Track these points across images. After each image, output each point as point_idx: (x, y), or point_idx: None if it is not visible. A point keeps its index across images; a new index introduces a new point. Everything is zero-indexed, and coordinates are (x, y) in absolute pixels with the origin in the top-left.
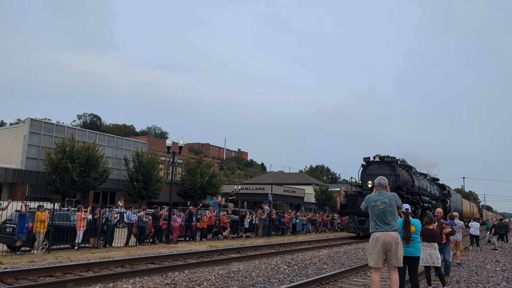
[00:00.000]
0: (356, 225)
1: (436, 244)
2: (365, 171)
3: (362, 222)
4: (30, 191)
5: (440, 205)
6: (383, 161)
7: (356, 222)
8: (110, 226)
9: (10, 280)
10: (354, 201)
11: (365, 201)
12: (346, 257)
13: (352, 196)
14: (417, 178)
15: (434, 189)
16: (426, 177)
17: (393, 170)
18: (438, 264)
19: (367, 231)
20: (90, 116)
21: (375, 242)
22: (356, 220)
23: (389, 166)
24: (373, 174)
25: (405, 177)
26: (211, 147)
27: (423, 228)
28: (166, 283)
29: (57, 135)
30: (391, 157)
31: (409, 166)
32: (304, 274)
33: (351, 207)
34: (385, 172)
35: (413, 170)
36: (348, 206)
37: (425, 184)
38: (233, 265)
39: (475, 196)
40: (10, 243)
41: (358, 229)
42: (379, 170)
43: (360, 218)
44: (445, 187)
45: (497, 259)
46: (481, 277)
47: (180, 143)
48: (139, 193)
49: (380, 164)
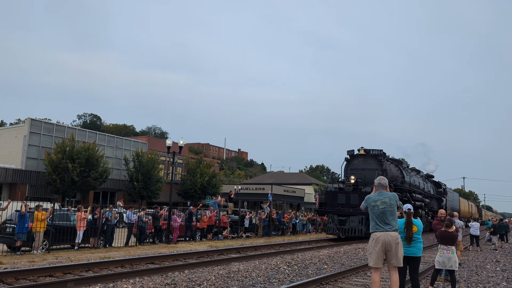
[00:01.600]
0: (336, 226)
1: (453, 248)
2: (349, 165)
3: (342, 222)
4: (30, 191)
5: (435, 204)
6: (368, 154)
7: (336, 222)
8: (110, 226)
9: (10, 280)
10: (334, 199)
11: (365, 201)
12: (346, 257)
13: (332, 193)
14: (408, 173)
15: (428, 187)
16: (419, 174)
17: (380, 164)
18: (456, 267)
19: (348, 232)
20: (90, 116)
21: (375, 242)
22: (336, 220)
23: (375, 159)
24: (358, 168)
25: (394, 172)
26: (211, 147)
27: (443, 230)
28: (166, 283)
29: (57, 135)
30: (377, 149)
31: (399, 160)
32: (304, 274)
33: (331, 205)
34: (370, 166)
35: (404, 165)
36: (327, 204)
37: (417, 180)
38: (233, 265)
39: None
40: (10, 243)
41: (337, 230)
42: (364, 164)
43: (340, 218)
44: (440, 184)
45: (497, 259)
46: (481, 277)
47: (180, 143)
48: (139, 193)
49: (366, 157)
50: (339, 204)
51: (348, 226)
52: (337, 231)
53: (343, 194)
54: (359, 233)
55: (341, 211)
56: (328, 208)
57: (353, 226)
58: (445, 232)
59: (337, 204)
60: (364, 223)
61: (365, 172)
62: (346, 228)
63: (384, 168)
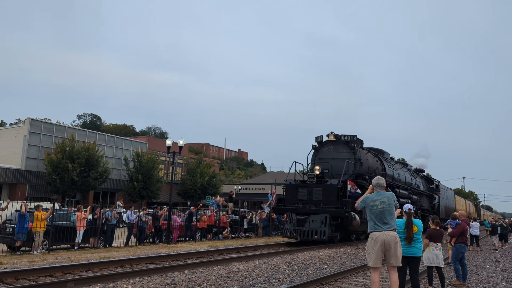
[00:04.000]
0: (294, 227)
1: (441, 245)
2: (317, 154)
3: (301, 222)
4: (30, 191)
5: (425, 201)
6: (339, 141)
7: (294, 223)
8: (110, 226)
9: (10, 280)
10: (295, 194)
11: (363, 201)
12: (346, 257)
13: (292, 187)
14: (390, 166)
15: (416, 182)
16: (407, 167)
17: (352, 152)
18: (443, 264)
19: (307, 234)
20: (90, 116)
21: (374, 242)
22: (294, 220)
23: (347, 147)
24: (327, 158)
25: (372, 162)
26: (211, 147)
27: (432, 228)
28: (166, 283)
29: (57, 135)
30: (350, 135)
31: (380, 150)
32: (304, 274)
33: (290, 201)
34: (342, 155)
35: (386, 156)
36: (286, 201)
37: (403, 174)
38: (233, 265)
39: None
40: (10, 243)
41: (295, 232)
42: (334, 152)
43: (298, 217)
44: (432, 180)
45: (497, 259)
46: (481, 277)
47: (180, 143)
48: (139, 193)
49: (336, 144)
50: (300, 200)
51: (307, 228)
52: (294, 233)
53: (304, 188)
54: (320, 235)
55: (299, 209)
56: (287, 205)
57: (313, 227)
58: (434, 230)
59: (297, 200)
60: (328, 223)
61: (334, 162)
62: (304, 230)
63: (358, 157)
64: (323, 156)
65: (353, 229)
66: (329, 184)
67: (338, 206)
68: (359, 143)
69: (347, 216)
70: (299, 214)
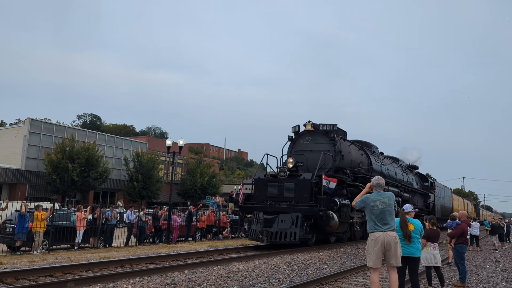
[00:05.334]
0: (260, 227)
1: (438, 245)
2: (293, 145)
3: (269, 222)
4: (30, 191)
5: (419, 200)
6: (318, 131)
7: (260, 223)
8: (110, 226)
9: (10, 280)
10: (264, 190)
11: (363, 200)
12: (346, 257)
13: (261, 182)
14: (378, 160)
15: (409, 179)
16: (398, 162)
17: (332, 143)
18: (440, 264)
19: (276, 236)
20: (90, 116)
21: (374, 242)
22: (261, 220)
23: (327, 138)
24: (304, 150)
25: (355, 156)
26: (211, 147)
27: (429, 228)
28: (166, 283)
29: (57, 135)
30: (330, 124)
31: (366, 143)
32: (304, 274)
33: (259, 198)
34: (320, 146)
35: (373, 149)
36: (255, 198)
37: (393, 170)
38: (233, 265)
39: (475, 196)
40: (10, 243)
41: (261, 233)
42: (312, 143)
43: (266, 217)
44: (427, 178)
45: (497, 259)
46: (481, 277)
47: (180, 143)
48: (139, 193)
49: (314, 135)
50: (270, 197)
51: (276, 229)
52: (261, 235)
53: (274, 183)
54: (291, 237)
55: (267, 207)
56: (256, 202)
57: (283, 228)
58: (431, 230)
59: (267, 197)
60: (300, 223)
61: (310, 154)
62: (272, 232)
63: (338, 149)
64: (300, 148)
65: (330, 230)
66: (302, 179)
67: (311, 203)
68: (341, 134)
69: (321, 215)
70: (266, 213)
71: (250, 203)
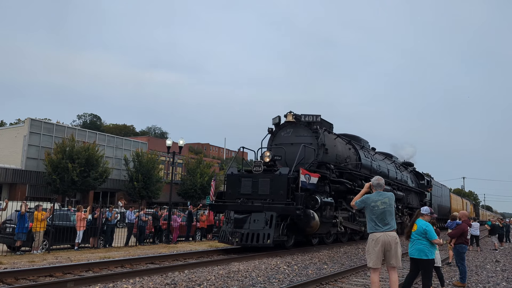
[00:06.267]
0: (231, 228)
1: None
2: (273, 138)
3: (240, 222)
4: (30, 191)
5: (414, 198)
6: (300, 122)
7: (231, 223)
8: (110, 226)
9: (10, 280)
10: (237, 186)
11: (363, 201)
12: (346, 257)
13: (234, 178)
14: (368, 155)
15: (403, 176)
16: (391, 159)
17: (315, 136)
18: (440, 264)
19: (247, 238)
20: (90, 116)
21: (374, 243)
22: (232, 220)
23: (309, 130)
24: (285, 143)
25: (342, 150)
26: (211, 147)
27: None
28: (166, 283)
29: (57, 135)
30: (312, 115)
31: (354, 136)
32: (304, 274)
33: (232, 196)
34: (302, 139)
35: (362, 144)
36: (227, 195)
37: (385, 166)
38: (233, 265)
39: (475, 196)
40: (10, 243)
41: (231, 235)
42: (294, 136)
43: (236, 216)
44: (423, 176)
45: (497, 259)
46: (481, 277)
47: (180, 143)
48: (139, 193)
49: (296, 127)
50: (243, 194)
51: (247, 229)
52: (230, 237)
53: (248, 179)
54: (264, 239)
55: (238, 205)
56: (228, 200)
57: (255, 229)
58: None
59: (239, 194)
60: (274, 224)
61: (290, 147)
62: (243, 233)
63: (322, 142)
64: (281, 141)
65: (311, 231)
66: (277, 174)
67: (288, 201)
68: (326, 126)
69: (299, 214)
70: (237, 212)
71: (222, 201)
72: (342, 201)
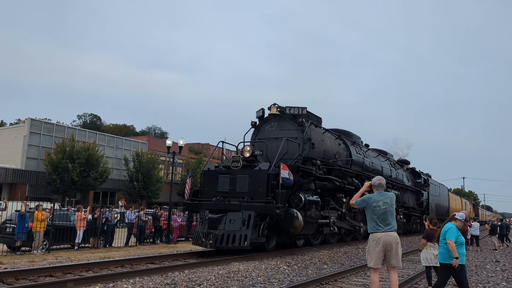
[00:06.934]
0: (205, 229)
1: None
2: (257, 133)
3: (214, 222)
4: (30, 191)
5: (410, 197)
6: (285, 115)
7: (205, 224)
8: (110, 226)
9: (10, 280)
10: (214, 183)
11: (364, 200)
12: (346, 257)
13: (210, 175)
14: (359, 152)
15: (398, 175)
16: (386, 156)
17: (301, 130)
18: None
19: (222, 240)
20: (90, 116)
21: (375, 243)
22: (206, 220)
23: (295, 123)
24: (269, 137)
25: (331, 145)
26: (211, 147)
27: (430, 229)
28: (166, 283)
29: (57, 135)
30: (298, 107)
31: (346, 131)
32: (304, 274)
33: (208, 194)
34: (287, 133)
35: (354, 139)
36: (203, 193)
37: (378, 164)
38: (233, 265)
39: (475, 196)
40: (10, 243)
41: (204, 237)
42: (278, 130)
43: (211, 216)
44: (419, 174)
45: (497, 259)
46: (481, 277)
47: (180, 143)
48: (139, 193)
49: (281, 120)
50: (220, 192)
51: (222, 230)
52: (204, 238)
53: (226, 176)
54: (240, 242)
55: (213, 204)
56: (204, 198)
57: (231, 229)
58: (431, 230)
59: (216, 191)
60: (252, 224)
61: (273, 142)
62: (218, 234)
63: (308, 136)
64: (265, 136)
65: (294, 231)
66: (257, 170)
67: (268, 199)
68: (314, 119)
69: (279, 213)
70: (212, 211)
71: (199, 200)
72: (329, 199)
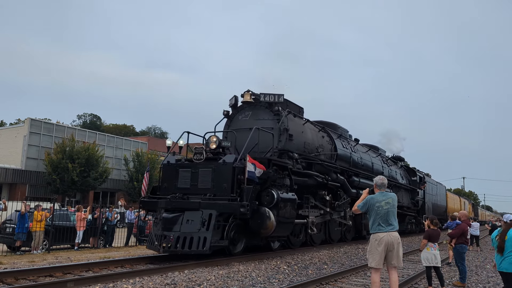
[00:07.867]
0: (159, 231)
1: (438, 245)
2: (230, 123)
3: (169, 223)
4: (30, 191)
5: (405, 196)
6: (260, 103)
7: (160, 226)
8: (110, 226)
9: (10, 280)
10: (174, 179)
11: (367, 201)
12: (346, 257)
13: (170, 169)
14: (346, 146)
15: (391, 171)
16: (377, 151)
17: (277, 119)
18: (440, 264)
19: (177, 244)
20: (90, 116)
21: (377, 243)
22: (160, 221)
23: (271, 112)
24: (243, 128)
25: (312, 138)
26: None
27: (430, 228)
28: (166, 283)
29: (57, 135)
30: (274, 94)
31: (331, 123)
32: (304, 274)
33: (167, 190)
34: (263, 123)
35: (340, 132)
36: (162, 190)
37: (368, 159)
38: (233, 265)
39: (475, 196)
40: (10, 243)
41: (157, 240)
42: (252, 120)
43: (166, 216)
44: (415, 171)
45: None
46: (481, 277)
47: (180, 143)
48: (139, 193)
49: (256, 109)
50: (180, 188)
51: (178, 232)
52: (156, 241)
53: (187, 170)
54: (199, 245)
55: (168, 202)
56: (163, 195)
57: (188, 231)
58: (432, 230)
59: (176, 188)
60: (214, 225)
61: (246, 133)
62: (173, 237)
63: (284, 126)
64: (238, 126)
65: (266, 233)
66: (220, 163)
67: (233, 196)
68: (294, 108)
69: (243, 212)
70: (168, 210)
71: (157, 197)
72: (309, 197)
